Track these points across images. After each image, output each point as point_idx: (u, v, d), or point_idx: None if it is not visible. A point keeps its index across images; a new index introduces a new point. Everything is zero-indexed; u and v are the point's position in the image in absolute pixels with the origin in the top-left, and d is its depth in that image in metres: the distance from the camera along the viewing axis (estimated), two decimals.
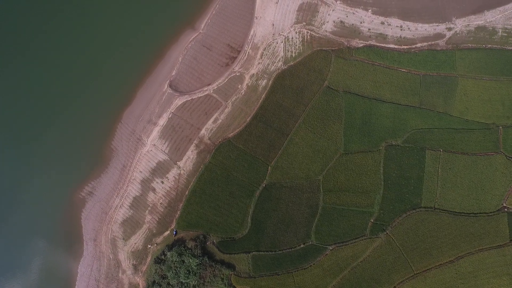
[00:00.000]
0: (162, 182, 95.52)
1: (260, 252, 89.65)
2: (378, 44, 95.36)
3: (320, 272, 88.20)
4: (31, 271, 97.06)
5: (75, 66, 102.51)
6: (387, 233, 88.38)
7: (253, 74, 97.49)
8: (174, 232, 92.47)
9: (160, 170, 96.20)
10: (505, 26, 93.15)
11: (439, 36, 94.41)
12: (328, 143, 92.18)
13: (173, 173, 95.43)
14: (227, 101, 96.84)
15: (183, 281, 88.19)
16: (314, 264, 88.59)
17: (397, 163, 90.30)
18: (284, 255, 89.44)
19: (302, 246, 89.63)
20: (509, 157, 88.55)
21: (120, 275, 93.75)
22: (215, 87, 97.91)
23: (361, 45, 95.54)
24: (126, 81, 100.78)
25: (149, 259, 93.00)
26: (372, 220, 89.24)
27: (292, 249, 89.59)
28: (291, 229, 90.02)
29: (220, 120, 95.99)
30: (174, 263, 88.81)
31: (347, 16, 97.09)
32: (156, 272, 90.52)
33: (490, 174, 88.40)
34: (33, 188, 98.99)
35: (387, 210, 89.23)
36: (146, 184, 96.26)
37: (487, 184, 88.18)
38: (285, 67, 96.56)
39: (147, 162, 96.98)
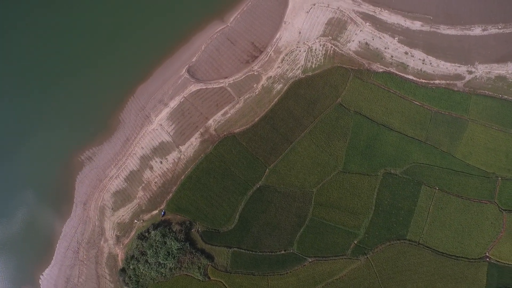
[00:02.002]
0: (161, 162, 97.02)
1: (241, 250, 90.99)
2: (397, 72, 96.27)
3: (294, 281, 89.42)
4: (15, 221, 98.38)
5: (103, 30, 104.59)
6: (367, 257, 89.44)
7: (271, 76, 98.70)
8: (162, 213, 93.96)
9: (161, 150, 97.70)
10: None
11: (459, 77, 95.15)
12: (328, 159, 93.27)
13: (173, 156, 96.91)
14: (239, 97, 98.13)
15: (161, 261, 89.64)
16: (290, 272, 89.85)
17: (391, 191, 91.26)
18: (264, 258, 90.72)
19: (283, 252, 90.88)
20: (502, 209, 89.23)
21: (102, 243, 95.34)
22: (231, 81, 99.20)
23: (381, 70, 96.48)
24: (147, 57, 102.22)
25: (132, 233, 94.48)
26: (355, 242, 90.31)
27: (273, 253, 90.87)
28: (276, 234, 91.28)
29: (229, 114, 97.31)
30: (156, 242, 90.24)
31: (373, 39, 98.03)
32: (137, 247, 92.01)
33: (480, 222, 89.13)
34: (36, 140, 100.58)
35: (372, 235, 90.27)
36: (145, 161, 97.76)
37: (475, 231, 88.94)
38: (302, 76, 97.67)
39: (151, 140, 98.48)
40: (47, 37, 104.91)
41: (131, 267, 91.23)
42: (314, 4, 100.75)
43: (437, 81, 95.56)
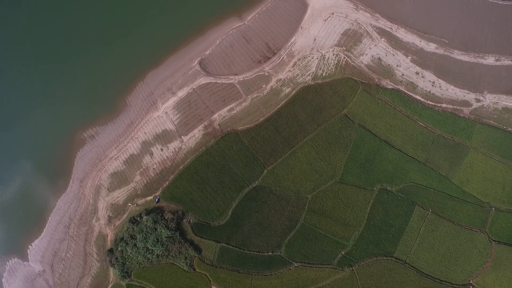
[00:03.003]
0: (162, 150, 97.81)
1: (229, 246, 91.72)
2: (406, 91, 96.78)
3: (278, 283, 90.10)
4: (10, 188, 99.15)
5: (123, 11, 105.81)
6: (352, 269, 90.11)
7: (280, 79, 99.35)
8: (156, 199, 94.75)
9: (163, 138, 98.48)
10: None
11: (466, 103, 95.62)
12: (327, 167, 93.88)
13: (174, 145, 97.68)
14: (247, 96, 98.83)
15: (150, 247, 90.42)
16: (275, 274, 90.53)
17: (385, 208, 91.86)
18: (251, 257, 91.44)
19: (270, 253, 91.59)
20: (492, 239, 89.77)
21: (93, 221, 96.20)
22: (241, 79, 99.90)
23: (390, 87, 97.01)
24: (162, 44, 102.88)
25: (125, 216, 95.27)
26: (343, 253, 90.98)
27: (260, 253, 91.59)
28: (266, 235, 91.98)
29: (235, 111, 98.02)
30: (146, 228, 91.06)
31: (386, 55, 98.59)
32: (127, 230, 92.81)
33: (468, 249, 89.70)
34: (41, 112, 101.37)
35: (360, 248, 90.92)
36: (146, 147, 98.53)
37: (462, 258, 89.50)
38: (312, 83, 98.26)
39: (154, 126, 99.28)
40: (71, 10, 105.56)
41: (119, 248, 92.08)
42: (333, 13, 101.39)
43: (444, 105, 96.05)
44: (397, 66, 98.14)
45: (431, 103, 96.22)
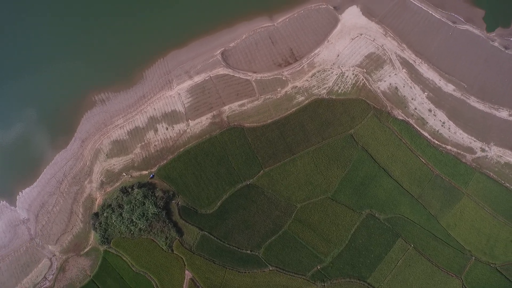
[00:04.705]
0: (167, 129, 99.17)
1: (211, 236, 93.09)
2: (415, 125, 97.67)
3: (250, 282, 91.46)
4: (12, 133, 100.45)
5: None
6: (324, 285, 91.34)
7: (296, 86, 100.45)
8: (151, 175, 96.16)
9: (171, 117, 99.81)
10: None
11: (470, 150, 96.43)
12: (322, 181, 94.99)
13: (180, 127, 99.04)
14: (261, 95, 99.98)
15: (134, 219, 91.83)
16: (249, 273, 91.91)
17: (368, 233, 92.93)
18: (229, 251, 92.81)
19: (248, 252, 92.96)
20: (465, 286, 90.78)
21: (86, 183, 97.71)
22: (258, 78, 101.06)
23: (400, 118, 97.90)
24: (190, 27, 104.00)
25: (117, 184, 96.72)
26: (318, 267, 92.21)
27: (239, 249, 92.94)
28: (248, 233, 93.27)
29: (245, 107, 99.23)
30: (135, 200, 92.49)
31: (403, 86, 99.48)
32: (116, 198, 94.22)
33: None
34: (61, 66, 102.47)
35: (336, 267, 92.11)
36: (152, 122, 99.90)
37: None
38: (326, 96, 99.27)
39: (165, 105, 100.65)
40: None
41: (104, 214, 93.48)
42: (361, 34, 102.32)
43: (449, 147, 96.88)
44: (412, 99, 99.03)
45: (436, 142, 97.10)
